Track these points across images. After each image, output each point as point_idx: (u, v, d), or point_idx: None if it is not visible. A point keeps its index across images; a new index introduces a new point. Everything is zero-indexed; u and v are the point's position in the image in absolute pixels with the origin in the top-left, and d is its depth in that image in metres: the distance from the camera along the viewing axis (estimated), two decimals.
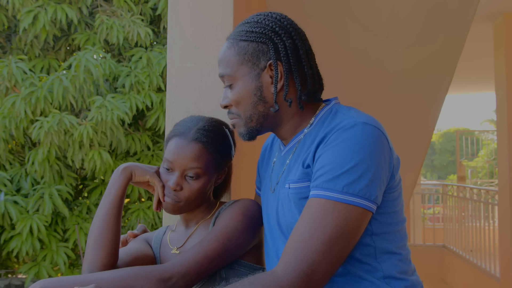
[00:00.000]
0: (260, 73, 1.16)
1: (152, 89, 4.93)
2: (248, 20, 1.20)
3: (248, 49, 1.16)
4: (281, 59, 1.15)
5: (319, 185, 1.05)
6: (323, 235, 1.00)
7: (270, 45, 1.15)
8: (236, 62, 1.17)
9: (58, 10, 4.84)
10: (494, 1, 4.73)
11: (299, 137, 1.20)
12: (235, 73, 1.18)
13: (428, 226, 8.54)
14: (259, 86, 1.17)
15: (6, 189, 4.67)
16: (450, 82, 4.20)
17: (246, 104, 1.18)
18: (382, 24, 3.55)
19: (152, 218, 4.88)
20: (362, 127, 1.06)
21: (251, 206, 1.28)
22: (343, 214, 1.01)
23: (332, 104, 1.21)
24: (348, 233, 1.02)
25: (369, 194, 1.03)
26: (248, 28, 1.18)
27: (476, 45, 5.64)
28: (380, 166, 1.05)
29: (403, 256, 1.15)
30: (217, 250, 1.18)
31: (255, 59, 1.16)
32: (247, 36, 1.17)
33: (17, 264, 5.55)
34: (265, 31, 1.16)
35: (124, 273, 1.09)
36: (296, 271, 0.98)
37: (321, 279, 1.00)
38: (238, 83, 1.18)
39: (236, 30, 1.21)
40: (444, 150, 23.57)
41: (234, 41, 1.18)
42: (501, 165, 5.25)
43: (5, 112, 4.59)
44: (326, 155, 1.06)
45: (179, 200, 1.28)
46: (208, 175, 1.29)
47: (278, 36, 1.16)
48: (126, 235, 1.44)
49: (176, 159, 1.27)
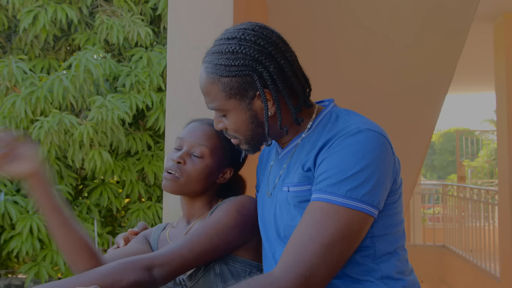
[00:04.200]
0: (250, 102, 1.13)
1: (152, 89, 4.94)
2: (222, 49, 1.12)
3: (233, 85, 1.11)
4: (268, 87, 1.11)
5: (322, 189, 1.05)
6: (324, 238, 1.00)
7: (254, 76, 1.10)
8: (223, 97, 1.13)
9: (58, 10, 4.85)
10: (494, 1, 4.73)
11: (297, 141, 1.19)
12: (224, 106, 1.14)
13: (428, 226, 8.53)
14: (254, 114, 1.15)
15: (6, 189, 4.68)
16: (450, 82, 4.20)
17: (245, 131, 1.17)
18: (382, 24, 3.56)
19: (152, 218, 4.89)
20: (366, 133, 1.06)
21: (246, 203, 1.27)
22: (345, 218, 1.01)
23: (330, 108, 1.20)
24: (349, 237, 1.02)
25: (372, 200, 1.03)
26: (226, 62, 1.10)
27: (476, 45, 5.64)
28: (383, 172, 1.05)
29: (401, 256, 1.16)
30: (204, 245, 1.18)
31: (243, 92, 1.11)
32: (228, 72, 1.10)
33: (17, 264, 5.55)
34: (245, 62, 1.09)
35: (110, 268, 1.08)
36: (294, 273, 0.98)
37: (320, 282, 1.00)
38: (231, 114, 1.15)
39: (212, 60, 1.13)
40: (444, 150, 23.57)
41: (215, 77, 1.12)
42: (501, 165, 5.25)
43: (5, 112, 4.60)
44: (329, 160, 1.06)
45: (180, 174, 1.28)
46: (214, 159, 1.30)
47: (260, 63, 1.10)
48: (127, 233, 1.44)
49: (186, 136, 1.31)
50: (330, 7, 3.34)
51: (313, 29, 3.43)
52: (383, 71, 4.07)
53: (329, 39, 3.61)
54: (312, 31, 3.41)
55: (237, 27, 1.15)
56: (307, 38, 3.42)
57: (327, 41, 3.60)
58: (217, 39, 1.16)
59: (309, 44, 3.41)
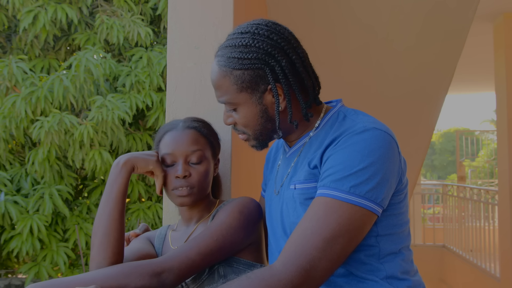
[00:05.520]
0: (261, 96, 1.15)
1: (152, 88, 4.94)
2: (236, 43, 1.14)
3: (245, 78, 1.13)
4: (280, 81, 1.13)
5: (326, 185, 1.05)
6: (325, 232, 1.00)
7: (266, 69, 1.12)
8: (234, 90, 1.14)
9: (58, 10, 4.85)
10: (494, 1, 4.74)
11: (304, 140, 1.20)
12: (235, 100, 1.16)
13: (428, 226, 8.54)
14: (264, 109, 1.16)
15: (6, 189, 4.68)
16: (450, 82, 4.20)
17: (255, 125, 1.18)
18: (382, 25, 3.56)
19: (152, 218, 4.89)
20: (373, 132, 1.07)
21: (248, 204, 1.28)
22: (348, 214, 1.01)
23: (338, 108, 1.21)
24: (351, 232, 1.02)
25: (375, 197, 1.03)
26: (239, 55, 1.12)
27: (476, 45, 5.64)
28: (388, 171, 1.05)
29: (405, 256, 1.16)
30: (211, 247, 1.18)
31: (254, 85, 1.13)
32: (240, 64, 1.12)
33: (17, 264, 5.55)
34: (258, 55, 1.11)
35: (117, 271, 1.08)
36: (295, 266, 0.98)
37: (320, 276, 1.00)
38: (242, 108, 1.17)
39: (224, 54, 1.15)
40: (444, 150, 23.57)
41: (227, 70, 1.14)
42: (501, 165, 5.25)
43: (6, 112, 4.59)
44: (335, 157, 1.07)
45: (192, 185, 1.29)
46: (209, 157, 1.33)
47: (273, 58, 1.12)
48: (129, 234, 1.44)
49: (175, 149, 1.29)
50: (330, 7, 3.34)
51: (313, 29, 3.43)
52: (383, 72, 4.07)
53: (329, 39, 3.61)
54: (312, 32, 3.41)
55: (250, 23, 1.17)
56: (307, 39, 3.41)
57: (327, 42, 3.60)
58: (230, 34, 1.18)
59: (309, 45, 3.40)
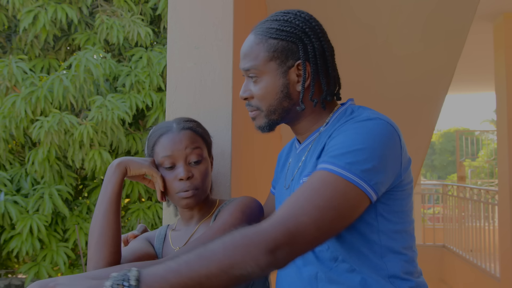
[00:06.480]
0: (287, 70, 1.19)
1: (152, 88, 4.93)
2: (277, 18, 1.21)
3: (278, 47, 1.18)
4: (309, 60, 1.19)
5: (324, 160, 1.07)
6: (318, 200, 0.99)
7: (299, 45, 1.18)
8: (264, 57, 1.19)
9: (58, 10, 4.85)
10: (494, 1, 4.73)
11: (315, 136, 1.22)
12: (262, 68, 1.19)
13: (428, 226, 8.54)
14: (286, 84, 1.19)
15: (6, 189, 4.68)
16: (450, 82, 4.21)
17: (272, 100, 1.20)
18: (382, 26, 3.56)
19: (152, 218, 4.89)
20: (376, 121, 1.09)
21: (250, 203, 1.29)
22: (342, 189, 1.01)
23: (347, 105, 1.24)
24: (342, 208, 1.01)
25: (369, 179, 1.03)
26: (278, 26, 1.19)
27: (476, 45, 5.64)
28: (386, 159, 1.06)
29: (409, 257, 1.16)
30: None
31: (284, 57, 1.18)
32: (277, 34, 1.18)
33: (17, 264, 5.55)
34: (295, 31, 1.18)
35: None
36: (282, 226, 0.95)
37: (305, 242, 0.97)
38: (264, 78, 1.20)
39: (263, 25, 1.22)
40: (444, 150, 23.58)
41: (263, 37, 1.20)
42: (501, 165, 5.25)
43: (5, 112, 4.59)
44: (335, 139, 1.10)
45: (196, 187, 1.29)
46: (206, 158, 1.34)
47: (308, 37, 1.19)
48: (127, 235, 1.44)
49: (174, 151, 1.29)
50: (330, 8, 3.34)
51: None
52: (383, 72, 4.07)
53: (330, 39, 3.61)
54: None
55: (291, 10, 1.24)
56: None
57: None
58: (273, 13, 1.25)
59: None
